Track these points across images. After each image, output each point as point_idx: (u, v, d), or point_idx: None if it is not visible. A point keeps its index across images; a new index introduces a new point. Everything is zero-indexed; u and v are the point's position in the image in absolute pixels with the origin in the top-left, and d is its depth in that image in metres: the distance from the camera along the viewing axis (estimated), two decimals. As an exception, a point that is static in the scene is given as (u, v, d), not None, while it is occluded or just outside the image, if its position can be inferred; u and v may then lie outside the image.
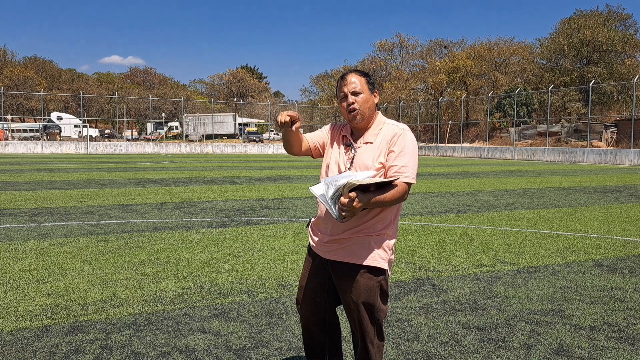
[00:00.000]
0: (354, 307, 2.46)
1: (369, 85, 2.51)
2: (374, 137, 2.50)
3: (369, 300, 2.44)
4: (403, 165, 2.41)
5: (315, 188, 2.33)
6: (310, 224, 2.70)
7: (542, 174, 21.15)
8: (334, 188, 2.25)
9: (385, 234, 2.48)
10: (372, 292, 2.44)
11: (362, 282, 2.43)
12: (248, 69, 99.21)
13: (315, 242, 2.59)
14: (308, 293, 2.62)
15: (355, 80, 2.49)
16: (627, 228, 8.01)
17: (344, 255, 2.46)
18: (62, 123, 59.46)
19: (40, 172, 19.24)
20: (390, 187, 2.33)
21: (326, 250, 2.52)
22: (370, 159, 2.45)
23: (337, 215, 2.25)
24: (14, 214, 8.92)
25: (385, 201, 2.32)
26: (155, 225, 7.94)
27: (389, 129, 2.50)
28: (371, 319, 2.47)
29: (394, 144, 2.44)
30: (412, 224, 8.20)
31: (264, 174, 19.57)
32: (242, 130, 63.45)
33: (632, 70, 52.59)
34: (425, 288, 4.76)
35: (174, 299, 4.37)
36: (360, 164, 2.46)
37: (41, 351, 3.34)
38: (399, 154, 2.43)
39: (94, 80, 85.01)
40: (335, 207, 2.25)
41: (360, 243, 2.44)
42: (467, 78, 62.21)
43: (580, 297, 4.54)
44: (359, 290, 2.43)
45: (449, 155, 45.94)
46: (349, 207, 2.20)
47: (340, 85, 2.51)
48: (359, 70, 2.56)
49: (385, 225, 2.47)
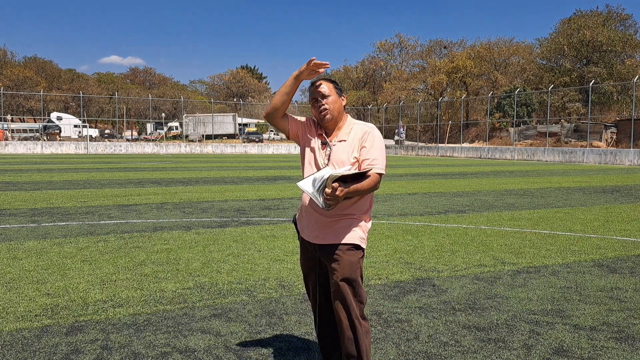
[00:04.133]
0: (339, 285, 2.74)
1: (336, 90, 2.86)
2: (346, 136, 2.84)
3: (352, 275, 2.75)
4: (374, 158, 2.77)
5: (303, 184, 2.65)
6: (295, 220, 3.05)
7: (542, 174, 21.15)
8: (318, 182, 2.59)
9: (363, 218, 2.85)
10: (354, 267, 2.77)
11: (345, 258, 2.76)
12: (248, 69, 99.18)
13: (305, 232, 2.92)
14: (311, 281, 2.99)
15: (324, 85, 2.84)
16: (627, 228, 8.01)
17: (329, 238, 2.80)
18: (62, 123, 59.44)
19: (40, 172, 19.24)
20: (364, 178, 2.67)
21: (315, 236, 2.85)
22: (346, 154, 2.79)
23: (324, 205, 2.57)
24: (14, 214, 8.92)
25: (362, 189, 2.66)
26: (155, 225, 7.93)
27: (359, 128, 2.85)
28: (354, 294, 2.76)
29: (365, 140, 2.80)
30: (412, 224, 8.19)
31: (264, 174, 19.57)
32: (242, 131, 63.44)
33: (632, 71, 52.60)
34: (425, 288, 4.76)
35: (174, 299, 4.37)
36: (337, 160, 2.79)
37: (41, 351, 3.34)
38: (370, 149, 2.78)
39: (93, 81, 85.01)
40: (321, 197, 2.57)
41: (343, 226, 2.80)
42: (467, 78, 62.22)
43: (580, 297, 4.54)
44: (343, 266, 2.75)
45: (449, 155, 45.92)
46: (332, 195, 2.52)
47: (312, 91, 2.86)
48: (328, 77, 2.90)
49: (363, 211, 2.85)
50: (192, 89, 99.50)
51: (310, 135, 2.90)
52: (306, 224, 2.89)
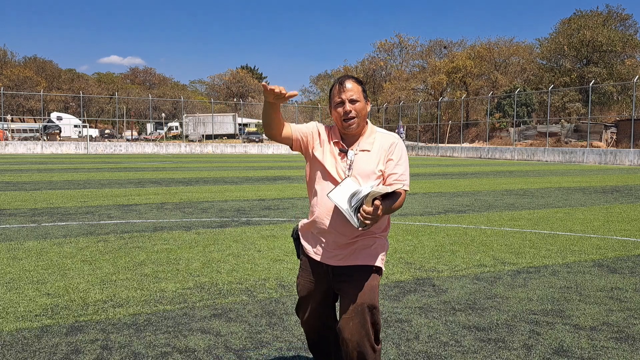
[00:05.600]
0: (358, 309, 2.46)
1: (364, 94, 2.55)
2: (370, 145, 2.54)
3: (372, 301, 2.49)
4: (402, 173, 2.53)
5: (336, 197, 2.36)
6: (297, 235, 2.73)
7: (542, 174, 21.15)
8: (356, 198, 2.32)
9: (383, 236, 2.62)
10: (374, 292, 2.51)
11: (365, 282, 2.50)
12: (248, 69, 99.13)
13: (315, 251, 2.62)
14: (312, 304, 2.69)
15: (353, 87, 2.51)
16: (627, 228, 8.01)
17: (348, 260, 2.54)
18: (62, 123, 59.43)
19: (40, 172, 19.24)
20: (397, 195, 2.44)
21: (330, 257, 2.56)
22: (370, 166, 2.50)
23: (359, 224, 2.32)
24: (14, 214, 8.92)
25: (395, 208, 2.43)
26: (155, 225, 7.93)
27: (384, 138, 2.57)
28: (372, 321, 2.50)
29: (392, 152, 2.53)
30: (412, 224, 8.19)
31: (264, 174, 19.57)
32: (242, 131, 63.44)
33: (632, 71, 52.59)
34: (425, 288, 4.76)
35: (174, 299, 4.37)
36: (360, 172, 2.49)
37: (41, 351, 3.34)
38: (397, 163, 2.53)
39: (93, 81, 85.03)
40: (356, 216, 2.32)
41: (363, 247, 2.54)
42: (467, 78, 62.22)
43: (580, 297, 4.54)
44: (364, 291, 2.49)
45: (449, 155, 45.93)
46: (374, 214, 2.26)
47: (338, 91, 2.51)
48: (356, 77, 2.58)
49: (382, 228, 2.61)
50: (192, 89, 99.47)
51: (322, 144, 2.57)
52: (319, 243, 2.59)
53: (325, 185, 2.52)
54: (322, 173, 2.55)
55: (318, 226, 2.57)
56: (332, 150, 2.54)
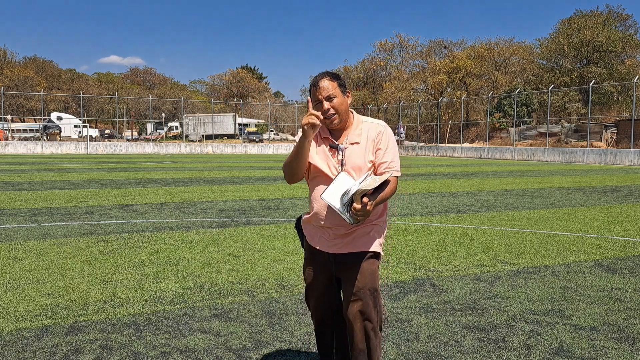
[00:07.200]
0: (361, 294, 2.59)
1: (341, 88, 2.58)
2: (358, 137, 2.61)
3: (373, 284, 2.63)
4: (391, 160, 2.61)
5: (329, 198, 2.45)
6: (300, 225, 2.85)
7: (542, 174, 21.15)
8: (346, 198, 2.42)
9: (380, 223, 2.73)
10: (374, 276, 2.65)
11: (366, 267, 2.63)
12: (248, 69, 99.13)
13: (317, 241, 2.72)
14: (319, 289, 2.79)
15: (328, 85, 2.55)
16: (627, 228, 8.01)
17: (349, 247, 2.65)
18: (62, 123, 59.43)
19: (40, 172, 19.24)
20: (386, 184, 2.51)
21: (331, 245, 2.67)
22: (361, 159, 2.59)
23: (352, 220, 2.44)
24: (14, 214, 8.92)
25: (386, 198, 2.53)
26: (155, 225, 7.94)
27: (371, 128, 2.64)
28: (375, 305, 2.62)
29: (379, 141, 2.62)
30: (412, 224, 8.19)
31: (264, 174, 19.57)
32: (242, 131, 63.42)
33: (632, 71, 52.61)
34: (425, 288, 4.76)
35: (174, 299, 4.37)
36: (352, 165, 2.58)
37: (41, 351, 3.34)
38: (386, 151, 2.62)
39: (93, 81, 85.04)
40: (349, 213, 2.43)
41: (362, 234, 2.65)
42: (467, 78, 62.23)
43: (580, 297, 4.54)
44: (365, 275, 2.62)
45: (449, 155, 45.93)
46: (363, 211, 2.37)
47: (314, 92, 2.57)
48: (330, 73, 2.61)
49: (379, 215, 2.71)
50: (192, 89, 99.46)
51: (315, 142, 2.64)
52: (320, 234, 2.69)
53: (319, 181, 2.62)
54: (316, 170, 2.64)
55: (317, 220, 2.68)
56: (323, 147, 2.63)
